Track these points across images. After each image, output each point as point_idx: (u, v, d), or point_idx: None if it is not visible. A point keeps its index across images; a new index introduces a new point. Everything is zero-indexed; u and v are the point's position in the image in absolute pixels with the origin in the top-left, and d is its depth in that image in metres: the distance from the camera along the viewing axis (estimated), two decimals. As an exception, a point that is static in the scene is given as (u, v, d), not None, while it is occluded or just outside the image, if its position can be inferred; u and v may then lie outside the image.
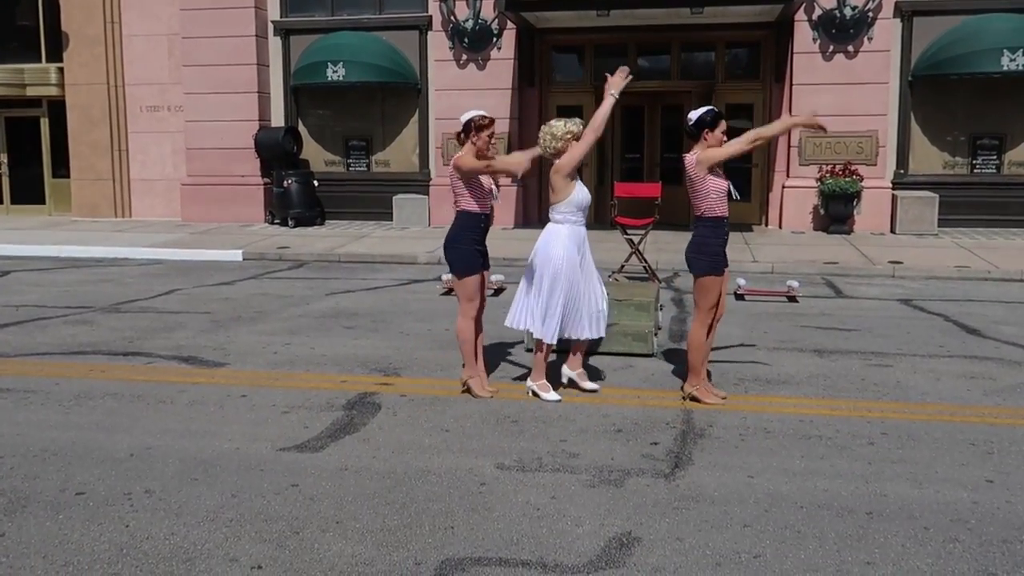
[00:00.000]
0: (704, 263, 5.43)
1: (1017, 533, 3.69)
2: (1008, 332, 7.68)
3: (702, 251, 5.42)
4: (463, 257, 5.62)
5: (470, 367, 5.77)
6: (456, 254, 5.63)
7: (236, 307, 8.92)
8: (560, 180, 5.49)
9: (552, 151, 5.49)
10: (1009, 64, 13.49)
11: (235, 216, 16.16)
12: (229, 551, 3.57)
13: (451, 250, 5.65)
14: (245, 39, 16.01)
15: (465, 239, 5.61)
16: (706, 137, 5.36)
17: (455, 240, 5.63)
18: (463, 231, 5.62)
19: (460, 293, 5.74)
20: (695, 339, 5.54)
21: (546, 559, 3.49)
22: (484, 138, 5.50)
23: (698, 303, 5.57)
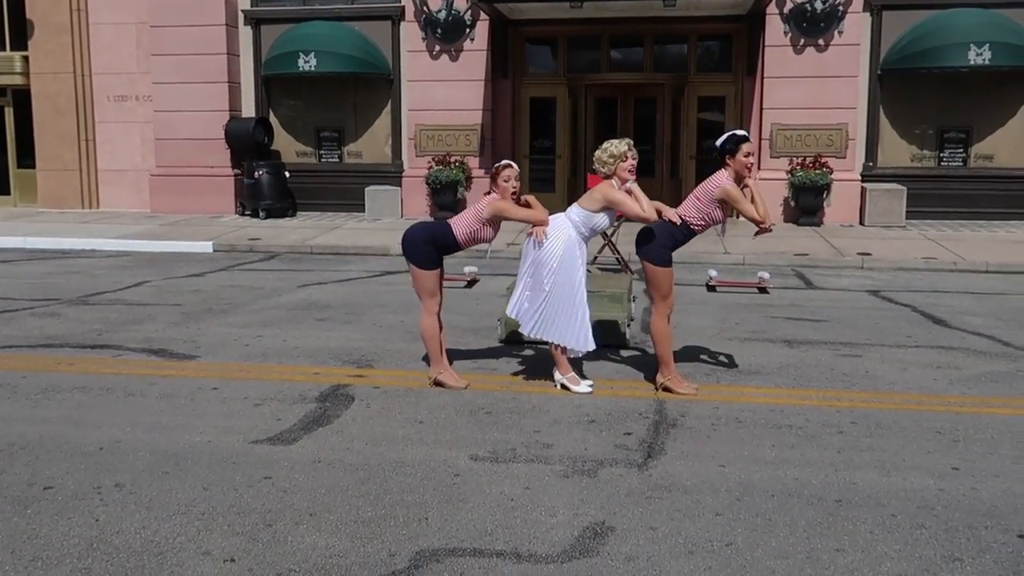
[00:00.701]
0: (659, 255, 5.49)
1: (982, 519, 3.76)
2: (974, 322, 7.80)
3: (661, 243, 5.50)
4: (423, 252, 5.64)
5: (436, 363, 5.77)
6: (416, 249, 5.64)
7: (207, 299, 8.84)
8: (600, 197, 5.50)
9: (602, 174, 5.56)
10: (975, 58, 13.68)
11: (205, 207, 15.98)
12: (201, 544, 3.54)
13: (414, 246, 5.65)
14: (215, 28, 15.81)
15: (428, 241, 5.63)
16: (728, 163, 5.45)
17: (416, 237, 5.65)
18: (429, 236, 5.64)
19: (422, 289, 5.74)
20: (659, 331, 5.57)
21: (520, 549, 3.50)
22: (500, 184, 5.58)
23: (654, 296, 5.64)
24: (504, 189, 5.60)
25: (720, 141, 5.54)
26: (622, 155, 5.45)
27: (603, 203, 5.50)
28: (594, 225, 5.58)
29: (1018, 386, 5.81)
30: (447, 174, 14.98)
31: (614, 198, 5.47)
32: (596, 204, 5.52)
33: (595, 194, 5.54)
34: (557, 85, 16.13)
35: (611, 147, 5.50)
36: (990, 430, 4.89)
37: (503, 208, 5.59)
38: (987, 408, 5.32)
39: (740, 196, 5.46)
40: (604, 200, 5.49)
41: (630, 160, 5.47)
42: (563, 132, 16.28)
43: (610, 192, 5.48)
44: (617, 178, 5.48)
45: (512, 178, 5.63)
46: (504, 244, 12.52)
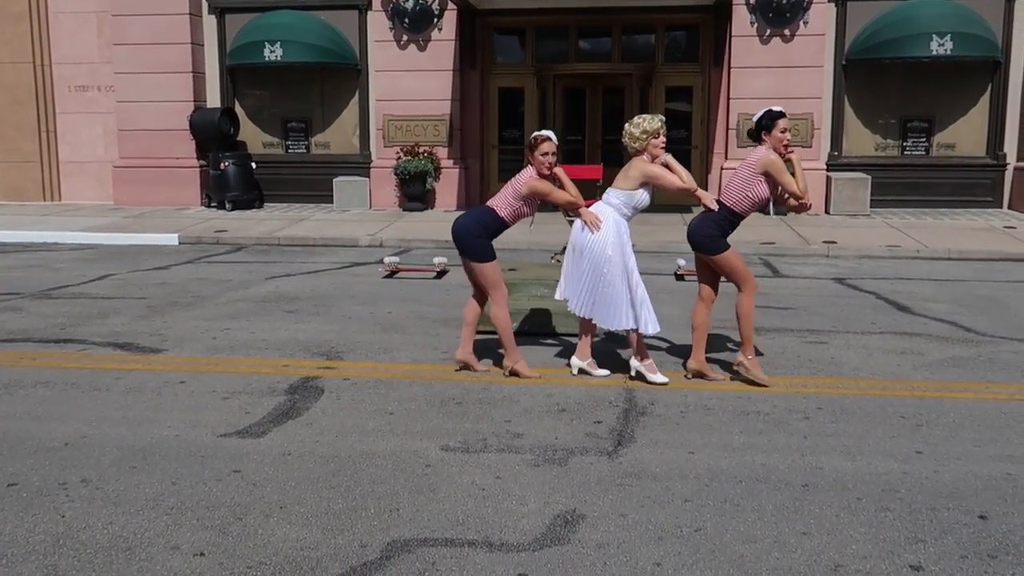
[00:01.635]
0: (709, 244, 5.47)
1: (944, 501, 3.84)
2: (936, 309, 7.94)
3: (707, 234, 5.47)
4: (481, 246, 5.61)
5: (513, 352, 5.72)
6: (473, 244, 5.61)
7: (173, 292, 8.73)
8: (637, 174, 5.45)
9: (632, 150, 5.50)
10: (937, 49, 13.87)
11: (170, 199, 15.77)
12: (170, 539, 3.51)
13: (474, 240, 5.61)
14: (178, 17, 15.58)
15: (484, 233, 5.61)
16: (765, 139, 5.45)
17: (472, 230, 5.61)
18: (483, 227, 5.62)
19: (488, 283, 5.67)
20: (743, 309, 5.52)
21: (491, 538, 3.51)
22: (538, 158, 5.53)
23: (734, 279, 5.56)
24: (540, 164, 5.55)
25: (756, 117, 5.53)
26: (655, 131, 5.41)
27: (640, 179, 5.44)
28: (636, 204, 5.52)
29: (979, 371, 5.93)
30: (416, 165, 14.92)
31: (652, 172, 5.42)
32: (634, 182, 5.45)
33: (631, 171, 5.47)
34: (525, 75, 16.11)
35: (644, 123, 5.42)
36: (952, 414, 4.99)
37: (542, 190, 5.55)
38: (949, 392, 5.42)
39: (783, 167, 5.40)
40: (642, 176, 5.43)
41: (662, 137, 5.43)
42: (532, 122, 16.24)
43: (647, 167, 5.42)
44: (648, 154, 5.44)
45: (550, 152, 5.55)
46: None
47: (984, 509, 3.76)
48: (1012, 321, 7.43)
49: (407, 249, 11.86)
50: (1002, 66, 14.51)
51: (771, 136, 5.44)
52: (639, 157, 5.47)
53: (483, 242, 5.62)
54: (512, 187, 5.64)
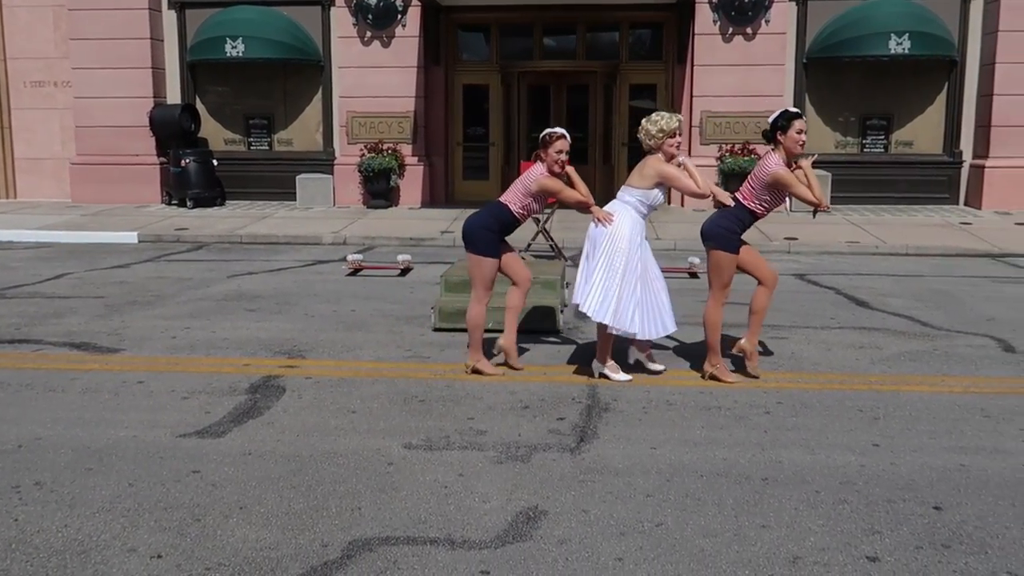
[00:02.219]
0: (725, 241, 5.42)
1: (900, 493, 3.90)
2: (894, 304, 8.07)
3: (727, 228, 5.44)
4: (485, 239, 5.57)
5: (476, 351, 5.70)
6: (477, 235, 5.58)
7: (132, 291, 8.60)
8: (652, 173, 5.39)
9: (647, 147, 5.46)
10: (896, 48, 14.10)
11: (130, 197, 15.52)
12: (127, 541, 3.46)
13: (477, 234, 5.58)
14: (137, 12, 15.33)
15: (492, 228, 5.58)
16: (780, 140, 5.40)
17: (480, 225, 5.59)
18: (492, 220, 5.59)
19: (479, 278, 5.63)
20: (711, 319, 5.50)
21: (454, 536, 3.50)
22: (551, 155, 5.51)
23: (712, 282, 5.54)
24: (553, 161, 5.53)
25: (772, 118, 5.47)
26: (671, 131, 5.36)
27: (656, 178, 5.38)
28: (652, 202, 5.46)
29: (935, 364, 6.03)
30: (380, 162, 14.84)
31: (668, 173, 5.37)
32: (650, 180, 5.40)
33: (646, 170, 5.42)
34: (490, 72, 16.10)
35: (662, 121, 5.37)
36: (908, 407, 5.07)
37: (552, 188, 5.53)
38: (906, 386, 5.51)
39: (792, 180, 5.36)
40: (657, 176, 5.37)
41: (679, 137, 5.40)
42: (496, 119, 16.26)
43: (662, 167, 5.38)
44: (663, 152, 5.41)
45: (564, 151, 5.53)
46: (438, 232, 12.49)
47: (939, 500, 3.83)
48: (967, 315, 7.57)
49: (371, 247, 11.80)
50: (958, 65, 14.78)
51: (786, 137, 5.36)
52: (654, 156, 5.43)
53: (489, 234, 5.58)
54: (522, 183, 5.62)
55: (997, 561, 3.30)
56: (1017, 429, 4.72)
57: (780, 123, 5.40)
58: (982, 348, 6.46)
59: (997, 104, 14.36)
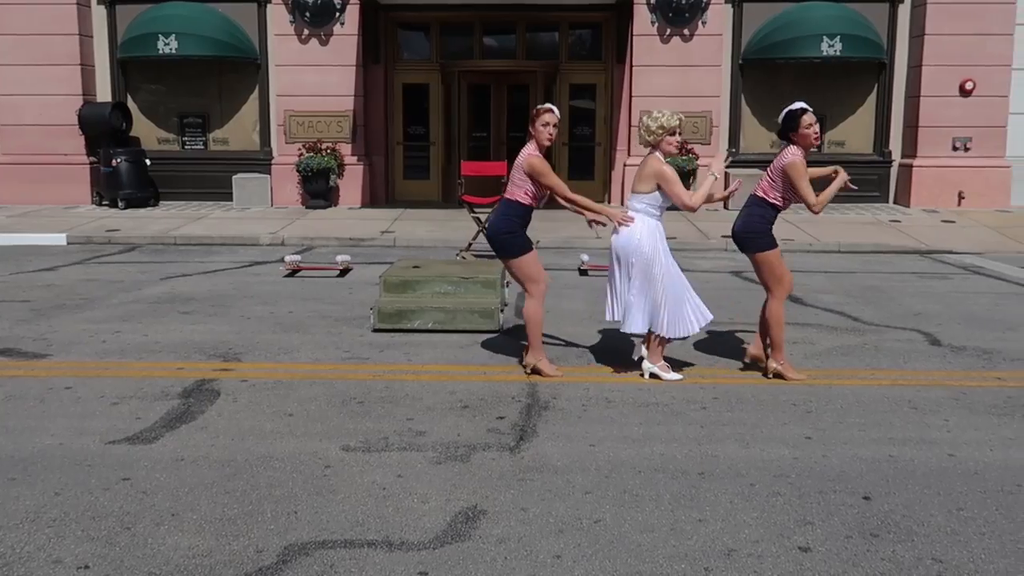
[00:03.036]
0: (761, 241, 5.46)
1: (832, 484, 3.99)
2: (827, 300, 8.26)
3: (757, 230, 5.46)
4: (513, 243, 5.51)
5: (537, 351, 5.62)
6: (506, 242, 5.52)
7: (60, 294, 8.34)
8: (651, 172, 5.36)
9: (645, 143, 5.44)
10: (827, 50, 14.44)
11: (58, 197, 15.05)
12: (52, 552, 3.35)
13: (505, 236, 5.52)
14: (65, 7, 14.87)
15: (516, 224, 5.51)
16: (794, 139, 5.40)
17: (504, 227, 5.53)
18: (512, 219, 5.53)
19: (526, 277, 5.56)
20: (776, 315, 5.54)
21: (392, 538, 3.47)
22: (539, 128, 5.45)
23: (769, 282, 5.56)
24: (539, 134, 5.46)
25: (781, 120, 5.46)
26: (671, 129, 5.34)
27: (655, 179, 5.35)
28: (661, 203, 5.43)
29: (865, 358, 6.19)
30: (319, 161, 14.66)
31: (664, 174, 5.32)
32: (650, 183, 5.37)
33: (645, 171, 5.39)
34: (430, 71, 16.04)
35: (662, 118, 5.34)
36: (840, 400, 5.19)
37: (540, 169, 5.44)
38: (837, 380, 5.64)
39: (802, 173, 5.35)
40: (655, 176, 5.34)
41: (679, 135, 5.39)
42: (437, 119, 16.21)
43: (660, 167, 5.34)
44: (661, 151, 5.39)
45: (551, 124, 5.47)
46: (378, 232, 12.39)
47: (868, 490, 3.92)
48: (896, 310, 7.79)
49: (310, 247, 11.65)
50: (887, 67, 15.21)
51: (798, 134, 5.39)
52: (654, 155, 5.41)
53: (515, 237, 5.53)
54: (517, 169, 5.54)
55: (923, 548, 3.40)
56: (942, 420, 4.87)
57: (789, 123, 5.42)
58: (910, 342, 6.65)
59: (924, 105, 14.81)
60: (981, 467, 4.20)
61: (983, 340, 6.70)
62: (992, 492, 3.91)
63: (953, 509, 3.74)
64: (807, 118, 5.39)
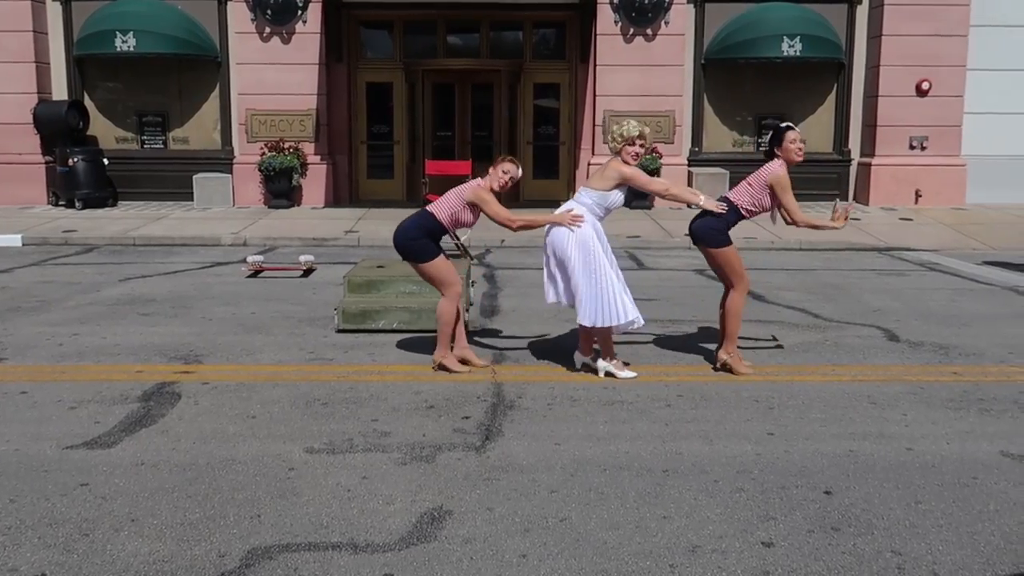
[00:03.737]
0: (714, 237, 5.64)
1: (793, 479, 4.04)
2: (788, 297, 8.36)
3: (714, 227, 5.64)
4: (420, 246, 5.59)
5: (443, 347, 5.70)
6: (410, 246, 5.60)
7: (14, 296, 8.16)
8: (614, 175, 5.45)
9: (611, 149, 5.54)
10: (788, 50, 14.62)
11: (12, 198, 14.75)
12: (7, 560, 3.27)
13: (410, 243, 5.60)
14: (18, 3, 14.57)
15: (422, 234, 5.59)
16: (779, 154, 5.63)
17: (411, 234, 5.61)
18: (421, 230, 5.60)
19: (437, 280, 5.66)
20: (734, 306, 5.70)
21: (357, 540, 3.45)
22: (499, 172, 5.57)
23: (731, 277, 5.73)
24: (495, 178, 5.57)
25: (769, 138, 5.76)
26: (630, 139, 5.43)
27: (617, 180, 5.45)
28: (609, 204, 5.51)
29: (825, 354, 6.28)
30: (281, 160, 14.52)
31: (628, 173, 5.44)
32: (610, 182, 5.46)
33: (607, 171, 5.48)
34: (394, 70, 15.96)
35: (624, 128, 5.46)
36: (801, 396, 5.26)
37: (484, 198, 5.54)
38: (799, 376, 5.71)
39: (787, 186, 5.62)
40: (619, 177, 5.44)
41: (637, 146, 5.45)
42: (400, 118, 16.14)
43: (623, 168, 5.45)
44: (621, 158, 5.48)
45: (511, 173, 5.60)
46: (342, 232, 12.31)
47: (829, 485, 3.98)
48: (855, 307, 7.91)
49: (272, 247, 11.54)
50: (846, 67, 15.44)
51: (783, 149, 5.61)
52: (616, 158, 5.52)
53: (421, 242, 5.61)
54: (457, 192, 5.65)
55: (883, 541, 3.45)
56: (900, 415, 4.96)
57: (775, 139, 5.68)
58: (869, 338, 6.76)
59: (882, 105, 15.06)
60: (938, 460, 4.28)
61: (940, 335, 6.83)
62: (949, 485, 3.98)
63: (911, 502, 3.80)
64: (791, 135, 5.67)
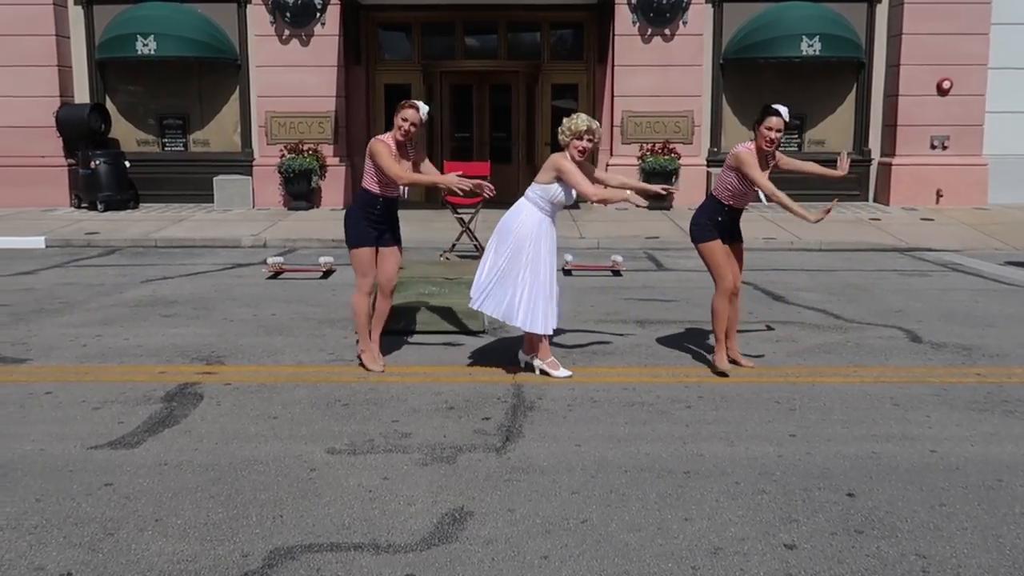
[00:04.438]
0: (696, 232, 5.68)
1: (816, 481, 4.01)
2: (808, 298, 8.31)
3: (697, 222, 5.71)
4: (351, 229, 5.64)
5: (362, 341, 5.76)
6: (348, 226, 5.66)
7: (39, 298, 8.25)
8: (551, 167, 5.46)
9: (561, 142, 5.53)
10: (807, 49, 14.53)
11: (36, 200, 14.90)
12: (34, 560, 3.31)
13: (346, 223, 5.68)
14: (41, 7, 14.72)
15: (359, 214, 5.63)
16: (756, 130, 5.57)
17: (348, 214, 5.70)
18: (358, 208, 5.66)
19: (355, 268, 5.70)
20: (713, 308, 5.74)
21: (378, 540, 3.46)
22: (398, 120, 5.49)
23: (711, 275, 5.77)
24: (397, 127, 5.51)
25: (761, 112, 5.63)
26: (578, 134, 5.43)
27: (553, 172, 5.44)
28: (551, 198, 5.49)
29: (847, 356, 6.23)
30: (300, 162, 14.59)
31: (562, 166, 5.41)
32: (548, 175, 5.47)
33: (547, 164, 5.51)
34: (412, 71, 15.99)
35: (573, 123, 5.46)
36: (823, 398, 5.22)
37: (375, 150, 5.50)
38: (820, 377, 5.67)
39: (751, 163, 5.47)
40: (554, 169, 5.43)
41: (584, 141, 5.43)
42: (419, 119, 16.14)
43: (560, 161, 5.44)
44: (569, 151, 5.48)
45: (410, 121, 5.49)
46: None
47: (852, 487, 3.95)
48: (877, 308, 7.85)
49: (292, 249, 11.59)
50: (866, 67, 15.32)
51: (758, 131, 5.55)
52: (561, 152, 5.52)
53: (350, 227, 5.66)
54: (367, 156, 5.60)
55: (907, 544, 3.43)
56: (924, 416, 4.91)
57: (758, 115, 5.58)
58: (891, 339, 6.70)
59: (902, 104, 14.93)
60: (962, 462, 4.24)
61: (963, 336, 6.77)
62: (974, 487, 3.95)
63: (936, 505, 3.77)
64: (772, 120, 5.51)
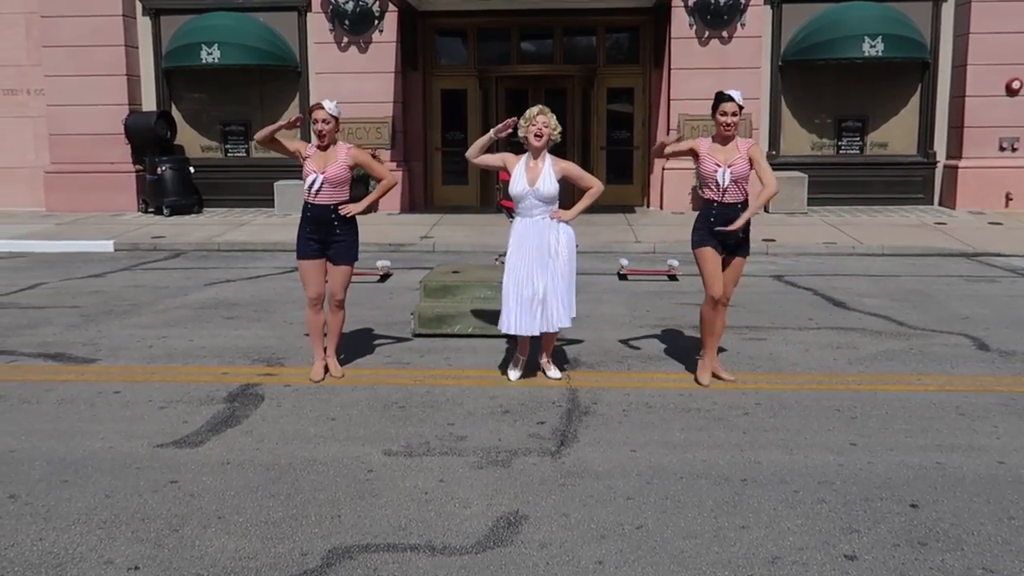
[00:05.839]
0: (692, 237, 5.65)
1: (877, 491, 3.93)
2: (870, 304, 8.14)
3: (694, 227, 5.63)
4: (297, 241, 5.88)
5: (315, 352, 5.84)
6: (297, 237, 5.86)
7: (107, 300, 8.52)
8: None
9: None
10: (869, 50, 14.23)
11: (105, 205, 15.38)
12: (103, 553, 3.42)
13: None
14: (111, 19, 15.21)
15: (300, 225, 5.86)
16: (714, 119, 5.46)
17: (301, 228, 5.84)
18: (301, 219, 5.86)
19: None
20: (700, 314, 5.71)
21: (434, 542, 3.49)
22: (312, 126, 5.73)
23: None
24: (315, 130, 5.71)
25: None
26: (531, 119, 5.59)
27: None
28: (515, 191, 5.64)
29: (910, 363, 6.09)
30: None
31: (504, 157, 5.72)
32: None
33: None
34: (468, 77, 16.10)
35: (527, 111, 5.63)
36: (885, 406, 5.11)
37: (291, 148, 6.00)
38: (882, 385, 5.55)
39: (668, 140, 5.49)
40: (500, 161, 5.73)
41: (535, 125, 5.55)
42: (474, 124, 16.25)
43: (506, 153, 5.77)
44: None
45: (320, 120, 5.72)
46: (417, 238, 12.46)
47: (915, 498, 3.86)
48: (941, 314, 7.65)
49: (350, 253, 11.73)
50: (931, 67, 14.95)
51: (715, 119, 5.40)
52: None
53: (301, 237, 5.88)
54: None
55: (973, 558, 3.34)
56: (991, 426, 4.78)
57: (713, 103, 5.39)
58: (957, 347, 6.53)
59: (969, 105, 14.53)
60: (1032, 475, 4.12)
61: (1033, 345, 6.56)
62: (1044, 501, 3.83)
63: (1004, 518, 3.66)
64: (724, 106, 5.30)
